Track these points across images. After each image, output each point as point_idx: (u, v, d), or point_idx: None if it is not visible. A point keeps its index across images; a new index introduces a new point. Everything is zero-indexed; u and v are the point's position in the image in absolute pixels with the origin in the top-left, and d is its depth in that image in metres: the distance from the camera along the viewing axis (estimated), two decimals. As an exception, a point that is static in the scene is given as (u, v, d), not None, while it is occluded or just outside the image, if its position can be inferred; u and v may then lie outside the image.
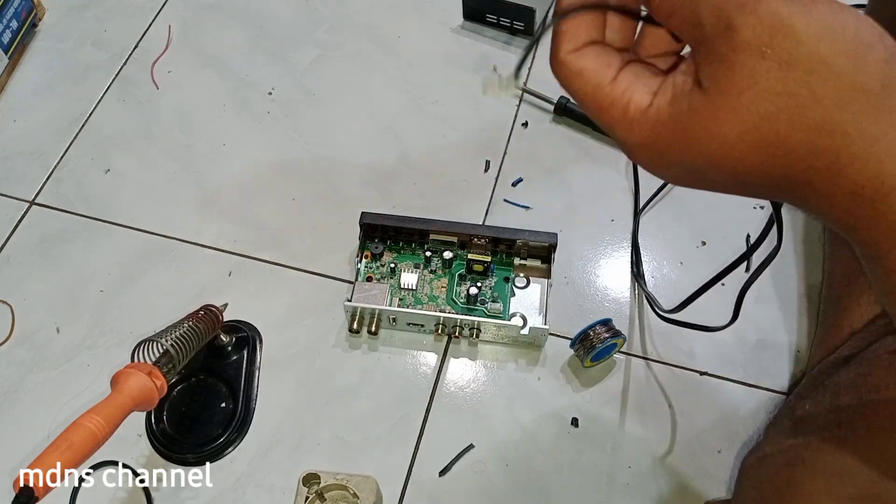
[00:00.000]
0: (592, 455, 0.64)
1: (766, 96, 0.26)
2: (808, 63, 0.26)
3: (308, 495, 0.59)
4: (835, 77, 0.26)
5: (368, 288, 0.69)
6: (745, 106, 0.27)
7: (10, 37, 0.85)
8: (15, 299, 0.72)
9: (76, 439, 0.47)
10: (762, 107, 0.26)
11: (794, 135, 0.27)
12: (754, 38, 0.26)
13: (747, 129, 0.27)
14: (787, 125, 0.27)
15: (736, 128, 0.27)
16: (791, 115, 0.26)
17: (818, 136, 0.27)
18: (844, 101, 0.26)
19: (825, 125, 0.26)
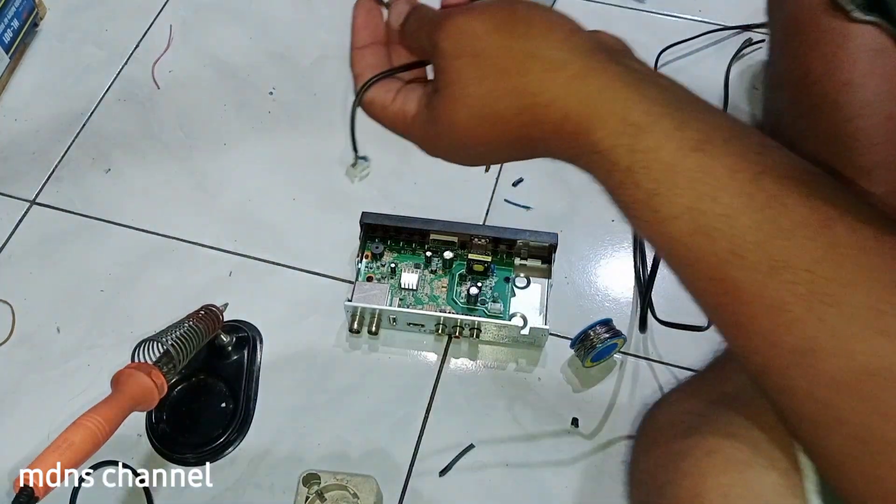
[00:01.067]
0: (593, 455, 0.64)
1: (472, 83, 0.34)
2: (490, 49, 0.34)
3: (308, 495, 0.59)
4: (512, 53, 0.34)
5: (369, 288, 0.69)
6: (462, 95, 0.35)
7: (12, 36, 0.85)
8: (15, 299, 0.72)
9: (76, 439, 0.47)
10: (473, 90, 0.34)
11: (501, 103, 0.34)
12: (449, 46, 0.35)
13: (472, 111, 0.35)
14: (493, 98, 0.34)
15: (463, 112, 0.35)
16: (493, 90, 0.34)
17: (517, 99, 0.34)
18: (524, 69, 0.34)
19: (517, 90, 0.34)
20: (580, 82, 0.33)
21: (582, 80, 0.33)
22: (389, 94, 0.40)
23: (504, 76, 0.34)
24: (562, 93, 0.33)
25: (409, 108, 0.39)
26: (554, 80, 0.33)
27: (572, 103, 0.33)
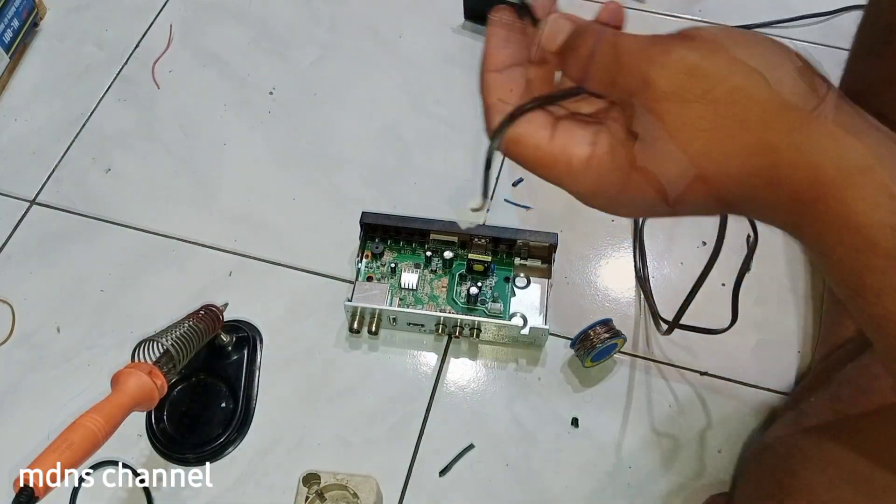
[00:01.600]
0: (593, 455, 0.64)
1: (697, 135, 0.28)
2: (727, 96, 0.27)
3: (308, 495, 0.59)
4: (754, 102, 0.27)
5: (369, 288, 0.69)
6: (679, 149, 0.28)
7: (12, 36, 0.85)
8: (15, 299, 0.72)
9: (76, 439, 0.47)
10: (695, 146, 0.28)
11: (730, 163, 0.28)
12: (671, 86, 0.28)
13: (685, 168, 0.29)
14: (721, 156, 0.28)
15: (674, 169, 0.29)
16: (723, 147, 0.28)
17: (752, 158, 0.28)
18: (769, 120, 0.27)
19: (756, 147, 0.28)
20: (832, 140, 0.27)
21: (834, 137, 0.27)
22: (544, 132, 0.33)
23: (743, 129, 0.28)
24: (813, 151, 0.27)
25: (577, 152, 0.32)
26: (804, 135, 0.27)
27: (826, 166, 0.27)
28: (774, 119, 0.27)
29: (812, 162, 0.27)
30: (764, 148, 0.28)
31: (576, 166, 0.32)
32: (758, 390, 0.66)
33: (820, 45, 0.85)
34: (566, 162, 0.32)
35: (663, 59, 0.28)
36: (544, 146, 0.32)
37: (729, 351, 0.68)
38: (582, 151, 0.32)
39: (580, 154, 0.32)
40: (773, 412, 0.65)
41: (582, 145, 0.32)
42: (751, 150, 0.28)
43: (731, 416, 0.65)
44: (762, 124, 0.27)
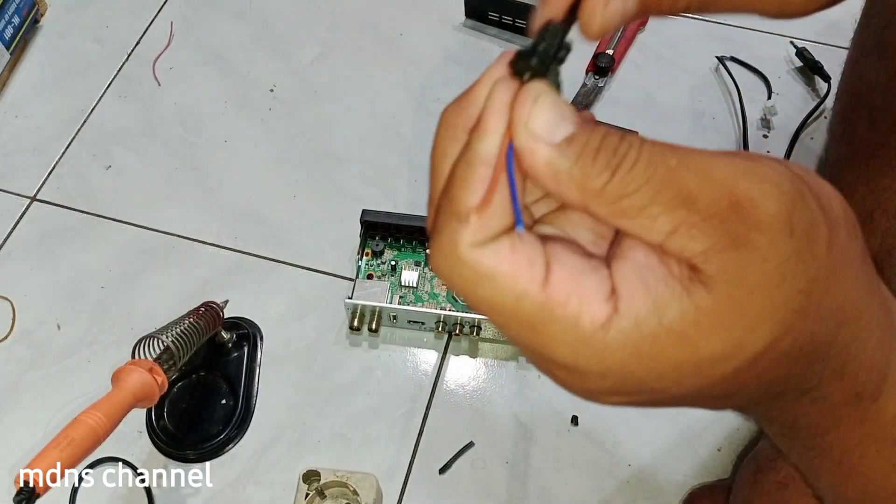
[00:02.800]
0: (592, 453, 0.64)
1: (799, 286, 0.20)
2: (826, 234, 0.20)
3: (308, 492, 0.59)
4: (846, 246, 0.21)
5: (369, 285, 0.69)
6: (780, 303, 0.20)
7: (12, 33, 0.85)
8: (15, 296, 0.72)
9: (77, 435, 0.47)
10: (795, 302, 0.20)
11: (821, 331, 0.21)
12: (780, 210, 0.19)
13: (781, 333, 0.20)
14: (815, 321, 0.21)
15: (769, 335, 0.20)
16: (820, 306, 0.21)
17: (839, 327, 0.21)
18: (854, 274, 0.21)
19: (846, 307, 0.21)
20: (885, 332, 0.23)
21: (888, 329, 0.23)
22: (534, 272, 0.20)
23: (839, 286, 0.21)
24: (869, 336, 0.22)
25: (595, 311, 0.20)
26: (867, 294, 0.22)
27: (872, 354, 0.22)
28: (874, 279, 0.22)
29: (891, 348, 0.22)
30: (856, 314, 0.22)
31: (588, 330, 0.20)
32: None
33: (820, 44, 0.85)
34: (570, 323, 0.20)
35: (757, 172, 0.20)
36: (534, 294, 0.20)
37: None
38: (597, 310, 0.20)
39: (595, 313, 0.20)
40: None
41: (596, 300, 0.20)
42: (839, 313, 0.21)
43: (731, 416, 0.65)
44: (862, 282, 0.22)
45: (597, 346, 0.20)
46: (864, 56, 0.59)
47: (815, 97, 0.82)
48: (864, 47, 0.58)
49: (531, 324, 0.21)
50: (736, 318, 0.20)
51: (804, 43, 0.85)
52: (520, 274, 0.20)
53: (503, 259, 0.20)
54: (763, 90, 0.83)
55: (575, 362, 0.21)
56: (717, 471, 0.63)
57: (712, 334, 0.20)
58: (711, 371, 0.20)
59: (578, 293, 0.20)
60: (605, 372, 0.21)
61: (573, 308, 0.20)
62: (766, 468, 0.51)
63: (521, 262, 0.20)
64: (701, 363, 0.20)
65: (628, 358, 0.20)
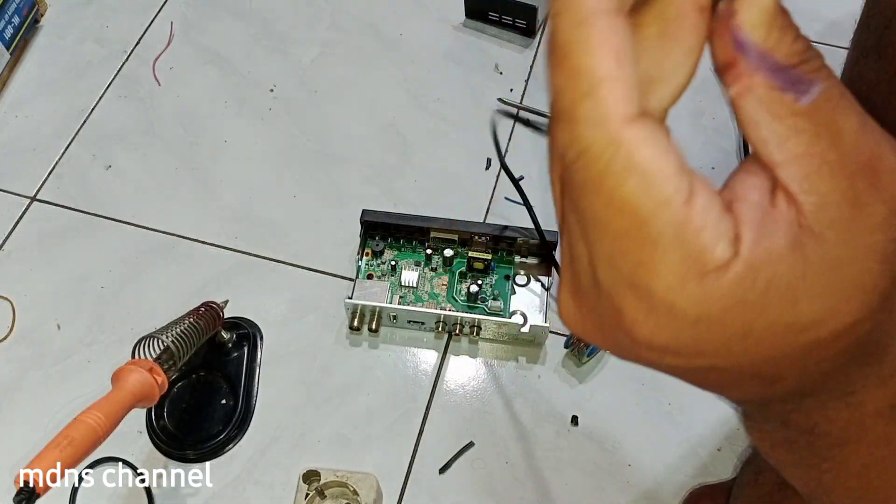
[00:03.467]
0: (592, 453, 0.64)
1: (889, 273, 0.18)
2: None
3: (308, 492, 0.59)
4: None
5: (369, 285, 0.69)
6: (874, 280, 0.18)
7: (12, 33, 0.85)
8: (16, 295, 0.72)
9: (77, 435, 0.47)
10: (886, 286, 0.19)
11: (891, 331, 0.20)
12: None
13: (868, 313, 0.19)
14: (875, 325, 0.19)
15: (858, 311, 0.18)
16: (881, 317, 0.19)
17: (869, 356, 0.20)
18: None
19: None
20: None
21: None
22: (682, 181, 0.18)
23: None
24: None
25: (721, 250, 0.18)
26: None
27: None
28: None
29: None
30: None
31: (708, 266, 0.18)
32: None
33: (820, 44, 0.85)
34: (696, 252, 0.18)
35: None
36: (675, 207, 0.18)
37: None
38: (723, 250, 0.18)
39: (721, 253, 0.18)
40: None
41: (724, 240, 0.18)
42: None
43: (731, 415, 0.65)
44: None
45: (708, 286, 0.18)
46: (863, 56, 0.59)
47: (815, 97, 0.82)
48: (864, 48, 0.58)
49: (655, 239, 0.18)
50: (837, 282, 0.18)
51: (804, 43, 0.84)
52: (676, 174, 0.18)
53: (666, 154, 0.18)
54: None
55: (674, 298, 0.18)
56: (717, 471, 0.63)
57: (816, 293, 0.18)
58: (795, 338, 0.19)
59: (715, 227, 0.18)
60: (698, 319, 0.18)
61: (705, 239, 0.18)
62: (767, 469, 0.51)
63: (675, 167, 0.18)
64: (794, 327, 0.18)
65: (733, 307, 0.18)
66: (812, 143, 0.18)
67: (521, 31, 0.87)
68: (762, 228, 0.18)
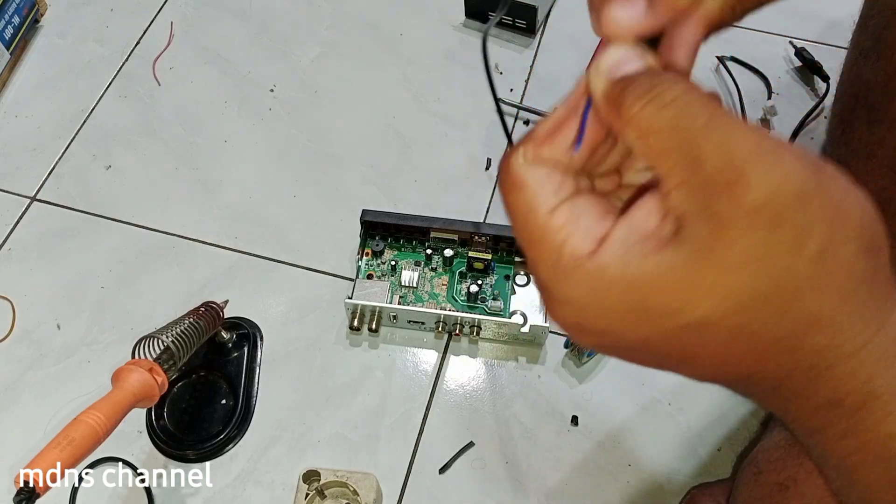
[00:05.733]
0: (592, 453, 0.64)
1: (769, 273, 0.21)
2: (820, 245, 0.21)
3: (308, 492, 0.59)
4: (845, 263, 0.22)
5: (369, 285, 0.69)
6: (738, 282, 0.21)
7: (12, 32, 0.85)
8: (15, 295, 0.72)
9: (77, 435, 0.47)
10: (757, 286, 0.21)
11: (783, 325, 0.22)
12: (771, 201, 0.21)
13: (731, 309, 0.22)
14: (777, 312, 0.22)
15: (717, 305, 0.22)
16: (787, 302, 0.22)
17: (809, 331, 0.22)
18: (850, 290, 0.22)
19: (822, 318, 0.22)
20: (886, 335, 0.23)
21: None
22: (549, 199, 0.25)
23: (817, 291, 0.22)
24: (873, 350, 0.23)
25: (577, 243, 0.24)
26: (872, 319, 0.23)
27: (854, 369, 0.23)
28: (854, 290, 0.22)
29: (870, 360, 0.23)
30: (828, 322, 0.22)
31: (565, 259, 0.23)
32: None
33: (819, 44, 0.85)
34: (555, 248, 0.24)
35: (774, 161, 0.21)
36: (540, 213, 0.24)
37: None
38: (580, 244, 0.23)
39: (576, 246, 0.23)
40: (770, 413, 0.65)
41: (583, 237, 0.23)
42: (812, 320, 0.22)
43: (731, 415, 0.65)
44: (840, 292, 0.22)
45: (567, 275, 0.23)
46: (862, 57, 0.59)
47: (814, 97, 0.82)
48: (863, 48, 0.58)
49: (530, 239, 0.24)
50: (687, 282, 0.22)
51: (803, 43, 0.85)
52: (540, 194, 0.24)
53: (536, 178, 0.25)
54: (763, 90, 0.83)
55: (547, 284, 0.24)
56: (717, 471, 0.63)
57: (665, 290, 0.22)
58: (659, 323, 0.22)
59: (571, 228, 0.24)
60: (567, 300, 0.24)
61: (561, 237, 0.24)
62: (767, 469, 0.51)
63: (547, 188, 0.25)
64: (649, 312, 0.22)
65: (588, 293, 0.23)
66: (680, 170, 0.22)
67: (521, 31, 0.87)
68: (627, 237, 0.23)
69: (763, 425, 0.64)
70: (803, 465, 0.48)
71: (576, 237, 0.24)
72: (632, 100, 0.23)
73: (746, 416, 0.65)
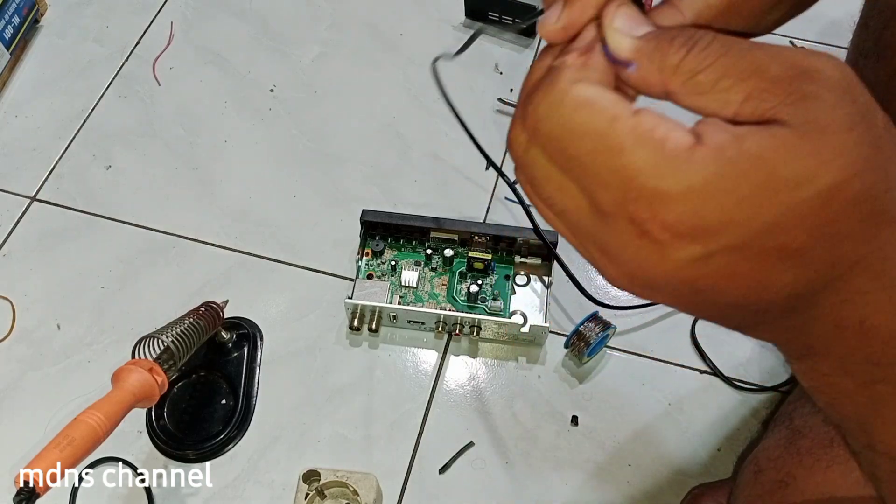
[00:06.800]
0: (592, 453, 0.64)
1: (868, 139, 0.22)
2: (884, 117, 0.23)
3: (308, 492, 0.59)
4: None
5: (369, 285, 0.69)
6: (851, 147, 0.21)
7: (12, 32, 0.85)
8: (16, 295, 0.72)
9: (77, 435, 0.47)
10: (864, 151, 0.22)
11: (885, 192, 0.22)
12: (843, 79, 0.22)
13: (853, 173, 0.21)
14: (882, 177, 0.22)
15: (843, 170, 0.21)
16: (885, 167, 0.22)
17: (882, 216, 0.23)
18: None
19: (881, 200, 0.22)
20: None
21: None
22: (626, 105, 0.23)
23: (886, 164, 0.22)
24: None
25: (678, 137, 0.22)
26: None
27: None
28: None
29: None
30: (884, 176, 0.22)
31: (672, 151, 0.22)
32: (758, 390, 0.66)
33: (820, 44, 0.85)
34: (657, 144, 0.22)
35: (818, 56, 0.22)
36: (625, 117, 0.23)
37: (728, 349, 0.68)
38: (681, 137, 0.22)
39: (678, 139, 0.22)
40: (771, 413, 0.65)
41: (680, 131, 0.22)
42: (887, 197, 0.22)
43: (731, 415, 0.65)
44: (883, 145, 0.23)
45: (681, 165, 0.22)
46: (862, 57, 0.59)
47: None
48: (863, 48, 0.58)
49: (620, 146, 0.22)
50: (810, 150, 0.21)
51: (804, 43, 0.85)
52: (617, 103, 0.23)
53: (601, 92, 0.23)
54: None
55: (657, 184, 0.22)
56: (717, 471, 0.63)
57: (789, 159, 0.21)
58: (788, 197, 0.21)
59: (666, 124, 0.22)
60: (686, 192, 0.22)
61: (661, 133, 0.22)
62: (767, 467, 0.51)
63: (617, 98, 0.23)
64: (778, 186, 0.21)
65: (711, 177, 0.21)
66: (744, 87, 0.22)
67: (521, 30, 0.87)
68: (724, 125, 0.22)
69: (763, 425, 0.64)
70: (802, 462, 0.48)
71: (676, 132, 0.22)
72: (671, 51, 0.23)
73: (746, 416, 0.65)
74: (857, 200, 0.22)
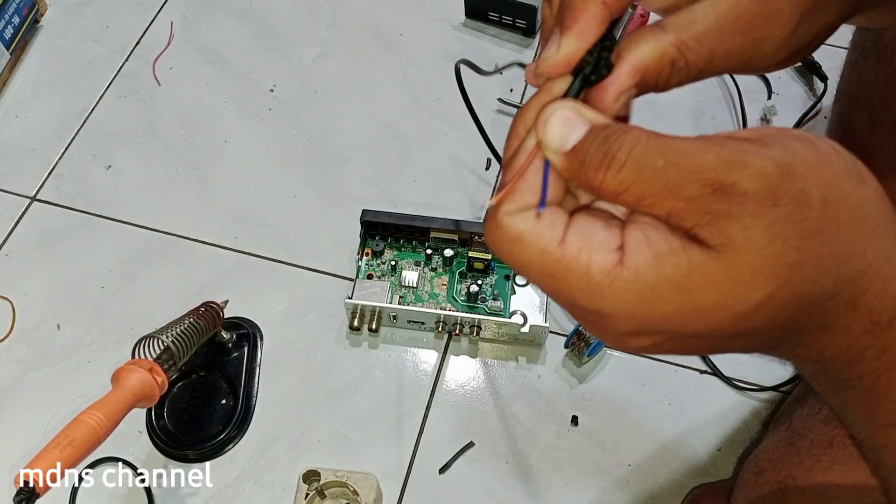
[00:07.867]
0: (592, 453, 0.64)
1: (791, 244, 0.23)
2: (820, 196, 0.23)
3: (308, 492, 0.59)
4: (845, 198, 0.24)
5: (369, 285, 0.69)
6: (771, 262, 0.23)
7: (12, 32, 0.85)
8: (15, 295, 0.72)
9: (77, 435, 0.47)
10: (789, 257, 0.23)
11: (822, 276, 0.24)
12: (761, 188, 0.23)
13: (776, 286, 0.23)
14: (814, 268, 0.24)
15: (763, 289, 0.23)
16: (817, 256, 0.24)
17: (841, 266, 0.24)
18: (858, 219, 0.24)
19: (847, 252, 0.24)
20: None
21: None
22: (554, 232, 0.25)
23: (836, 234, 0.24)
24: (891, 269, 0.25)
25: (600, 260, 0.24)
26: (886, 235, 0.25)
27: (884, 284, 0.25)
28: (863, 218, 0.24)
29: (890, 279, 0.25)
30: (853, 252, 0.24)
31: (597, 278, 0.24)
32: (758, 390, 0.66)
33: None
34: (582, 272, 0.24)
35: (745, 160, 0.23)
36: (552, 250, 0.25)
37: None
38: (603, 259, 0.24)
39: (601, 263, 0.24)
40: (771, 413, 0.65)
41: (603, 252, 0.24)
42: (841, 257, 0.24)
43: (731, 415, 0.65)
44: (852, 224, 0.24)
45: (605, 291, 0.24)
46: (862, 57, 0.59)
47: (812, 97, 0.82)
48: (863, 48, 0.58)
49: (554, 276, 0.25)
50: (725, 275, 0.23)
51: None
52: (542, 235, 0.25)
53: (529, 225, 0.25)
54: (763, 90, 0.83)
55: (590, 305, 0.25)
56: (717, 471, 0.63)
57: (706, 287, 0.23)
58: (711, 317, 0.24)
59: (588, 248, 0.24)
60: (617, 313, 0.24)
61: (584, 260, 0.24)
62: (767, 468, 0.51)
63: (544, 227, 0.25)
64: (699, 310, 0.24)
65: (634, 301, 0.24)
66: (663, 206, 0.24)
67: (521, 31, 0.87)
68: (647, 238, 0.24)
69: (763, 425, 0.64)
70: (803, 463, 0.48)
71: (598, 254, 0.24)
72: (591, 173, 0.24)
73: (746, 416, 0.65)
74: (786, 305, 0.24)
